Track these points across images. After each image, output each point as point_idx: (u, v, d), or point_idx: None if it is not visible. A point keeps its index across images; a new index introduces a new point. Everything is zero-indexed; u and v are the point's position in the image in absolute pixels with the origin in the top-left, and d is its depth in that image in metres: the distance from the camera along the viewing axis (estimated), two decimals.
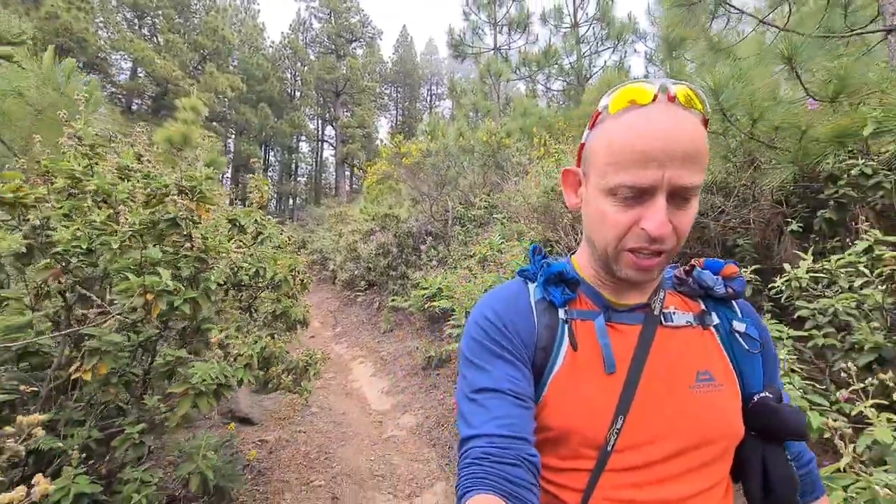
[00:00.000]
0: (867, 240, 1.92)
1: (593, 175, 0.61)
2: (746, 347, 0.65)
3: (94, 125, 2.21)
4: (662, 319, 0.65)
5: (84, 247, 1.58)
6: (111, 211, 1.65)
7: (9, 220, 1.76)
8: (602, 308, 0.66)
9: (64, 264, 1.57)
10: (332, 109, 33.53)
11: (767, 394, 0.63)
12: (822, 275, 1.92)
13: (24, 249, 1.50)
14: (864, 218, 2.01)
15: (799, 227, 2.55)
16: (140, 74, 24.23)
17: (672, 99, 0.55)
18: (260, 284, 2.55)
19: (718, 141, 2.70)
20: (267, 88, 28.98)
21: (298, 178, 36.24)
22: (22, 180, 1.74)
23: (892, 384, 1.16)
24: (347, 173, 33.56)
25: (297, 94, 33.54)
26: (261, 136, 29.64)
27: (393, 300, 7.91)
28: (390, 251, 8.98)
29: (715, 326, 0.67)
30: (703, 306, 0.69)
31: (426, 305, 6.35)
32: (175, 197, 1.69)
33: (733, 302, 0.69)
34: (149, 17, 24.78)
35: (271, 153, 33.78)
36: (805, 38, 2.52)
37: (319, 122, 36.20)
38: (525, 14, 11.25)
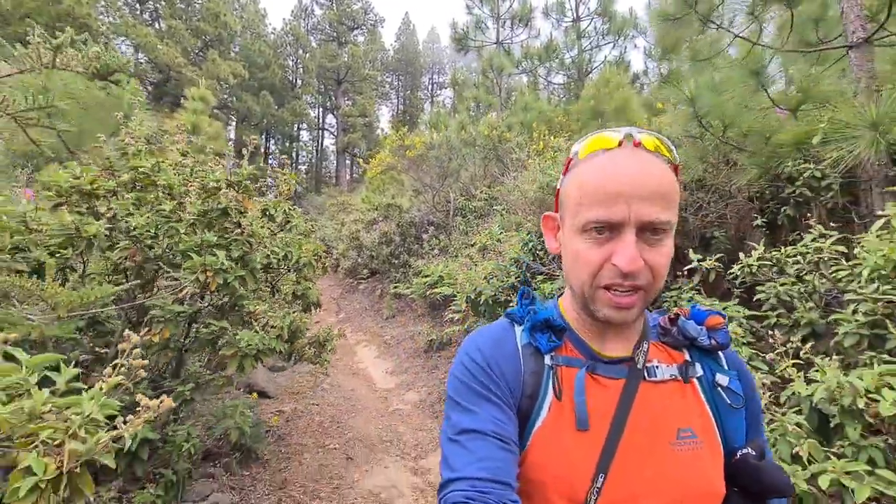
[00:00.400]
0: (812, 233, 2.25)
1: (567, 217, 0.64)
2: (728, 402, 0.65)
3: (144, 125, 2.52)
4: (646, 374, 0.64)
5: (153, 231, 1.90)
6: (175, 202, 1.97)
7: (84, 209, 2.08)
8: (587, 356, 0.66)
9: (138, 246, 1.89)
10: (334, 98, 33.54)
11: (749, 450, 0.63)
12: (770, 263, 2.26)
13: (107, 233, 1.82)
14: (810, 215, 2.34)
15: (764, 222, 2.87)
16: (141, 60, 24.19)
17: (638, 145, 0.59)
18: (285, 267, 2.87)
19: (696, 144, 3.02)
20: (268, 76, 28.95)
21: (299, 167, 36.33)
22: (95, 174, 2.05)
23: (799, 345, 1.49)
24: (348, 162, 33.71)
25: (299, 81, 33.48)
26: (262, 124, 29.70)
27: (395, 287, 8.25)
28: (393, 240, 9.30)
29: (698, 378, 0.66)
30: (686, 356, 0.68)
31: (428, 292, 6.69)
32: (225, 190, 2.01)
33: (719, 353, 0.69)
34: (150, 2, 24.68)
35: (272, 141, 33.84)
36: (774, 52, 2.81)
37: (320, 110, 36.19)
38: (528, 8, 11.41)
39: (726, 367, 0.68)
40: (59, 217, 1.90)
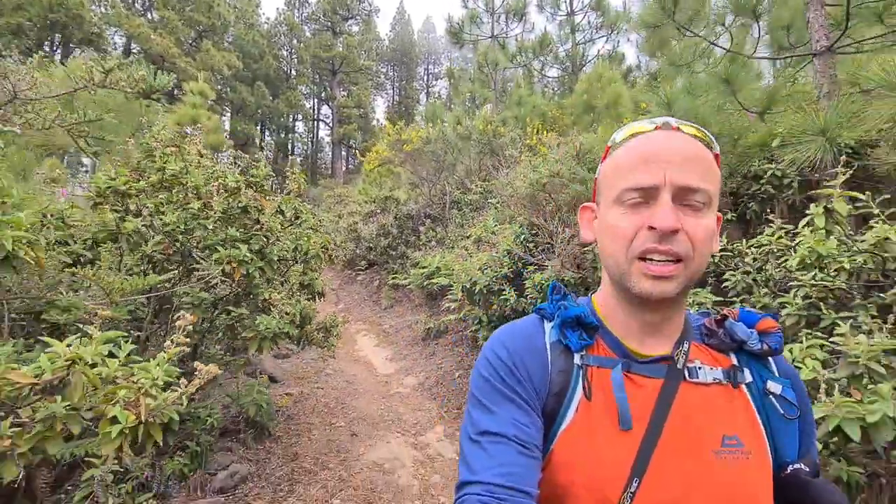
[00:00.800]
0: (771, 227, 2.52)
1: (604, 195, 0.63)
2: (781, 412, 0.61)
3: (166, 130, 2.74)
4: (686, 374, 0.60)
5: (183, 227, 2.13)
6: (202, 202, 2.20)
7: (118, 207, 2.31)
8: (621, 356, 0.63)
9: (169, 241, 2.13)
10: (329, 88, 33.39)
11: (802, 465, 0.59)
12: (732, 254, 2.53)
13: (142, 230, 2.06)
14: (769, 210, 2.61)
15: (733, 216, 3.14)
16: (134, 51, 23.97)
17: (676, 129, 0.59)
18: (294, 258, 3.12)
19: None
20: (263, 66, 28.79)
21: (295, 158, 36.21)
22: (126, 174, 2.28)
23: None
24: (344, 153, 33.70)
25: (294, 72, 33.28)
26: (257, 115, 29.60)
27: (393, 278, 8.51)
28: (390, 232, 9.53)
29: (747, 385, 0.62)
30: (734, 361, 0.63)
31: (425, 283, 6.96)
32: (245, 190, 2.25)
33: (770, 359, 0.64)
34: None
35: (267, 133, 33.72)
36: (745, 58, 3.06)
37: (316, 101, 36.03)
38: (522, 2, 11.53)
39: (777, 374, 0.64)
40: (98, 215, 2.13)
